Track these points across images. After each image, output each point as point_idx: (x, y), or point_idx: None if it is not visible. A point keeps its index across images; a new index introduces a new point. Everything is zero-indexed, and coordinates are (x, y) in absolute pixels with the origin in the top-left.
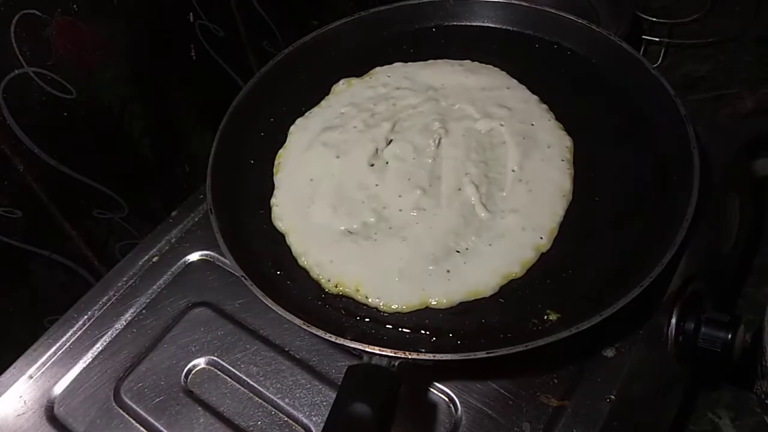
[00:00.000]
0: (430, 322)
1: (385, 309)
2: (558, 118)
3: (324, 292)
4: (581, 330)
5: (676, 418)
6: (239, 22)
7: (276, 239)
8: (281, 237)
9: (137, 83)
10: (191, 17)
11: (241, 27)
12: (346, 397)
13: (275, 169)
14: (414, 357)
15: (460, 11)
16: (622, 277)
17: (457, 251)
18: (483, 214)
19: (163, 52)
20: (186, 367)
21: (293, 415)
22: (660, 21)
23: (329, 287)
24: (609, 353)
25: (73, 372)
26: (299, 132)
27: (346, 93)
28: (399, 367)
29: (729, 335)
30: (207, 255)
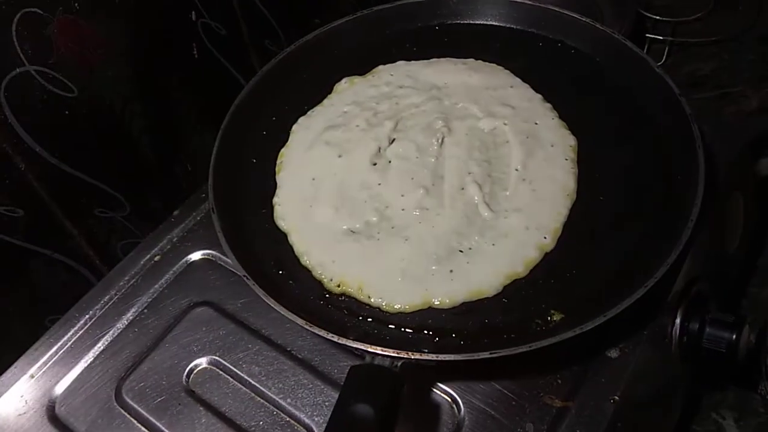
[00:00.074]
0: (433, 322)
1: (388, 309)
2: (562, 116)
3: (326, 291)
4: (585, 330)
5: (679, 418)
6: (241, 20)
7: (278, 238)
8: (283, 236)
9: (139, 82)
10: (193, 16)
11: (244, 25)
12: (348, 398)
13: (277, 168)
14: (417, 357)
15: (463, 9)
16: (626, 278)
17: (460, 251)
18: (486, 213)
19: (165, 50)
20: (188, 367)
21: (295, 416)
22: (663, 19)
23: (331, 287)
24: (613, 354)
25: (75, 371)
26: (301, 131)
27: (348, 92)
28: (402, 368)
29: (734, 336)
30: (209, 254)
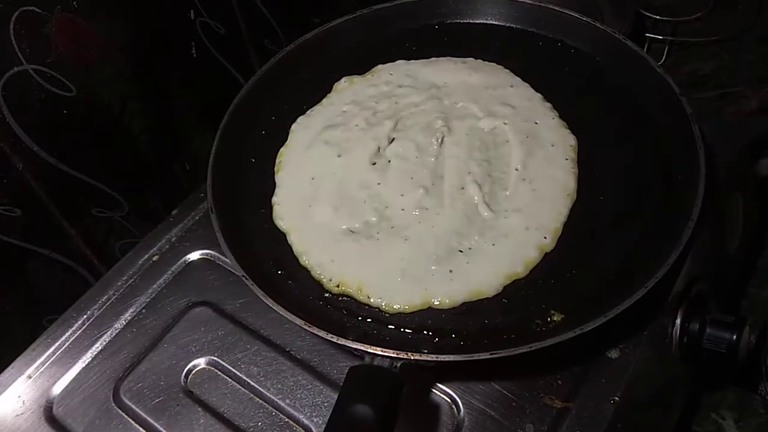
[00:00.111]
0: (432, 322)
1: (387, 309)
2: (562, 116)
3: (325, 292)
4: (586, 331)
5: (679, 418)
6: (240, 19)
7: (277, 238)
8: (282, 236)
9: (137, 81)
10: (192, 14)
11: (243, 24)
12: (347, 399)
13: (276, 168)
14: (416, 358)
15: (462, 9)
16: (626, 278)
17: (460, 251)
18: (486, 213)
19: (164, 49)
20: (186, 368)
21: (294, 416)
22: (663, 19)
23: (331, 287)
24: (613, 354)
25: (72, 372)
26: (301, 130)
27: (347, 91)
28: (401, 368)
29: (734, 336)
30: (207, 254)
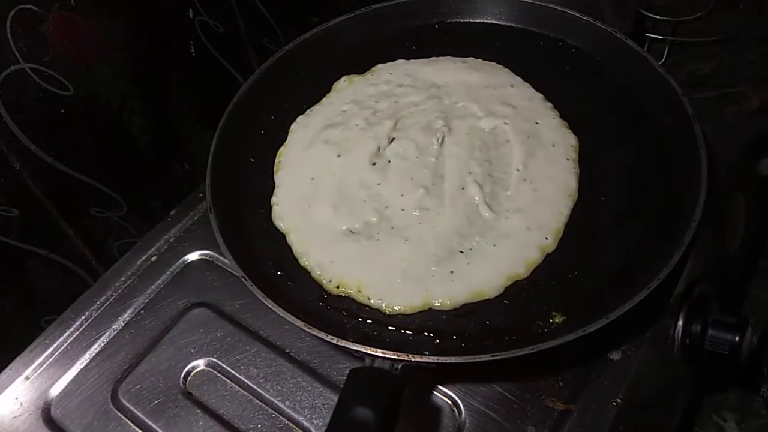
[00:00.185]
0: (433, 323)
1: (388, 310)
2: (563, 116)
3: (325, 293)
4: (587, 333)
5: (681, 420)
6: (239, 18)
7: (276, 239)
8: (282, 236)
9: (136, 80)
10: (191, 13)
11: (241, 23)
12: (348, 401)
13: (276, 168)
14: (417, 360)
15: (463, 8)
16: (628, 279)
17: (461, 252)
18: (487, 213)
19: (162, 48)
20: (185, 369)
21: (294, 418)
22: (664, 19)
23: (331, 288)
24: (615, 356)
25: (71, 373)
26: (300, 130)
27: (347, 90)
28: (402, 370)
29: (737, 337)
30: (206, 254)
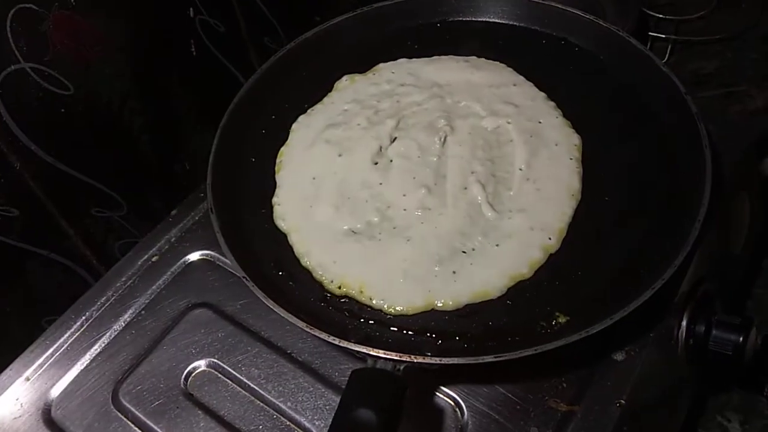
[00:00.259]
0: (435, 324)
1: (390, 311)
2: (566, 115)
3: (327, 293)
4: (591, 334)
5: (685, 420)
6: (240, 17)
7: (278, 239)
8: (283, 237)
9: (136, 79)
10: (191, 12)
11: (242, 22)
12: (350, 402)
13: (277, 167)
14: (420, 361)
15: (465, 7)
16: (632, 279)
17: (464, 252)
18: (490, 213)
19: (163, 47)
20: (186, 370)
21: (295, 419)
22: (666, 17)
23: (332, 288)
24: (619, 357)
25: (71, 374)
26: (301, 129)
27: (349, 89)
28: (404, 371)
29: (741, 338)
30: (207, 255)
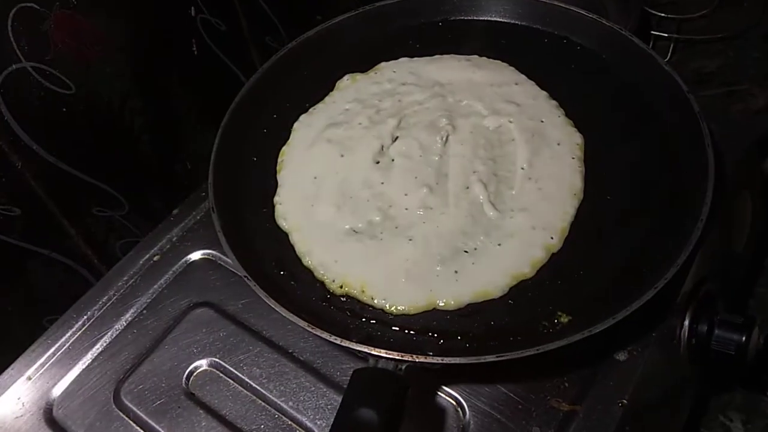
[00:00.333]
0: (437, 324)
1: (392, 310)
2: (568, 114)
3: (329, 292)
4: (593, 333)
5: (687, 420)
6: (241, 16)
7: (279, 238)
8: (285, 236)
9: (137, 78)
10: (193, 11)
11: (244, 21)
12: (351, 402)
13: (278, 167)
14: (421, 360)
15: (466, 5)
16: (634, 279)
17: (465, 251)
18: (491, 213)
19: (164, 46)
20: (187, 369)
21: (297, 419)
22: (668, 16)
23: (334, 288)
24: (621, 356)
25: (73, 373)
26: (303, 128)
27: (350, 89)
28: (406, 371)
29: (743, 337)
30: (209, 254)
